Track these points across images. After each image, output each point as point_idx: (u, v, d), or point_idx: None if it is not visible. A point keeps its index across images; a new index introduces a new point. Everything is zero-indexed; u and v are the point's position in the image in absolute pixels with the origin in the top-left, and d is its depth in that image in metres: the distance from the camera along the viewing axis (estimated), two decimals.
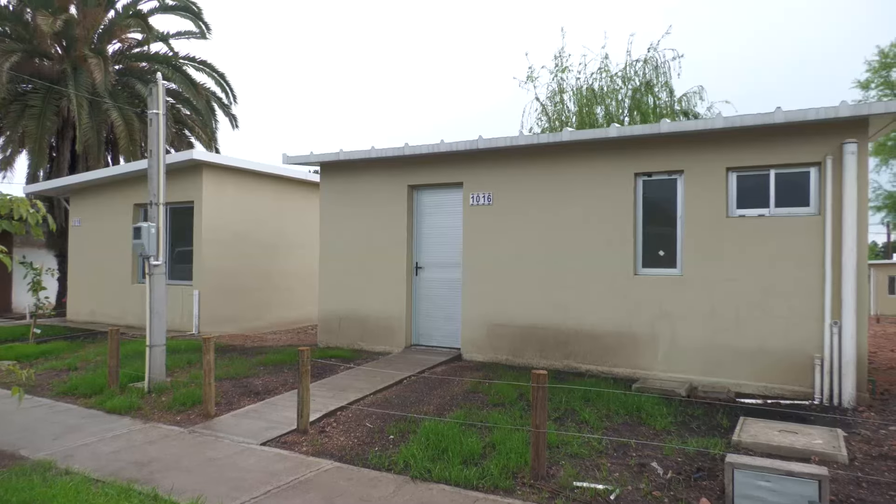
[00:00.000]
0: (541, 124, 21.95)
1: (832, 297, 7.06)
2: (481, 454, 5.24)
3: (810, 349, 7.19)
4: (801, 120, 7.05)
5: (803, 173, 7.41)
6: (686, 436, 5.67)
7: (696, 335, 7.87)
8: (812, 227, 7.25)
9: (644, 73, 21.20)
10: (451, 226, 9.93)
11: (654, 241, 8.37)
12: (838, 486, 4.46)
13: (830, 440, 5.29)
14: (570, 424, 6.03)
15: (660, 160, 8.24)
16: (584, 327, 8.62)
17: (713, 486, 4.53)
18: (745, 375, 7.57)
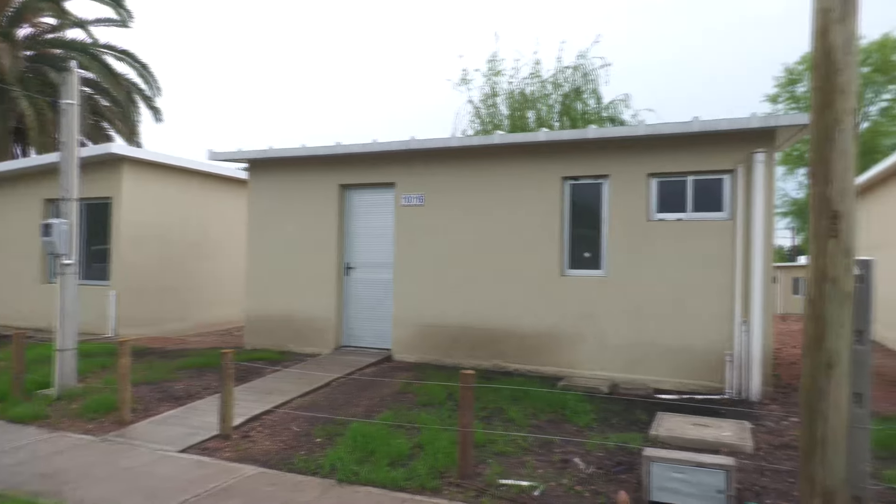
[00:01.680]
0: (474, 126, 22.19)
1: (742, 297, 7.49)
2: (409, 455, 5.25)
3: (722, 347, 7.60)
4: (715, 129, 7.45)
5: (718, 180, 7.83)
6: (607, 431, 5.88)
7: (619, 334, 8.16)
8: (725, 231, 7.67)
9: (574, 79, 21.80)
10: (383, 226, 9.89)
11: (581, 242, 8.63)
12: (744, 474, 4.73)
13: (738, 432, 5.62)
14: (498, 423, 6.13)
15: (586, 165, 8.50)
16: (512, 327, 8.78)
17: (632, 479, 4.71)
18: (663, 372, 7.92)
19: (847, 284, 3.46)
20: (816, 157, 3.53)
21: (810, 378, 3.54)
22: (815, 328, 3.52)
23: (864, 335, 3.64)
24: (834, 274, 3.45)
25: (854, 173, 3.56)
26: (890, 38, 26.01)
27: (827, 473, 3.45)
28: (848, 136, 3.46)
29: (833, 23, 3.43)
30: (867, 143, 26.02)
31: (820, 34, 3.49)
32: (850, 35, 3.43)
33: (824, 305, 3.48)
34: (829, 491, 3.44)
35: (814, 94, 3.55)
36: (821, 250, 3.50)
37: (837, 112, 3.44)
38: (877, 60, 26.15)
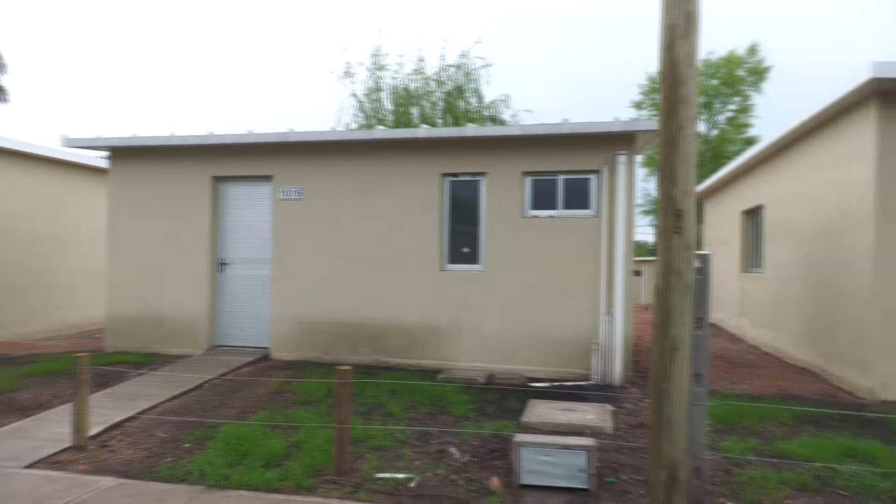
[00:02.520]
0: (358, 120, 21.98)
1: (606, 290, 8.03)
2: (285, 455, 5.13)
3: (589, 336, 8.12)
4: (583, 132, 7.93)
5: (585, 179, 8.33)
6: (483, 420, 6.08)
7: (496, 326, 8.46)
8: (591, 227, 8.18)
9: (456, 78, 22.23)
10: (260, 220, 9.55)
11: (460, 238, 8.83)
12: (604, 453, 5.10)
13: (601, 415, 6.03)
14: (376, 418, 6.14)
15: (465, 162, 8.71)
16: (393, 322, 8.82)
17: (504, 465, 4.91)
18: (536, 361, 8.32)
19: (689, 276, 3.82)
20: (663, 161, 3.86)
21: (658, 362, 3.87)
22: (663, 316, 3.85)
23: (702, 322, 4.05)
24: (678, 267, 3.80)
25: (695, 176, 3.94)
26: (735, 55, 28.94)
27: (672, 447, 3.79)
28: (690, 142, 3.82)
29: (678, 38, 3.77)
30: (716, 149, 28.82)
31: (667, 48, 3.82)
32: (692, 50, 3.79)
33: (670, 296, 3.82)
34: (673, 463, 3.79)
35: (661, 103, 3.88)
36: (667, 245, 3.83)
37: (681, 120, 3.79)
38: (724, 74, 29.00)
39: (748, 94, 29.16)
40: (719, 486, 4.39)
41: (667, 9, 3.81)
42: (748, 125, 29.17)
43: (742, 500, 4.19)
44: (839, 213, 7.92)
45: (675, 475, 3.79)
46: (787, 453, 4.92)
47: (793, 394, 7.26)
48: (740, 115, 29.45)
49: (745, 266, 12.88)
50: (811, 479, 4.45)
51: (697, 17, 3.80)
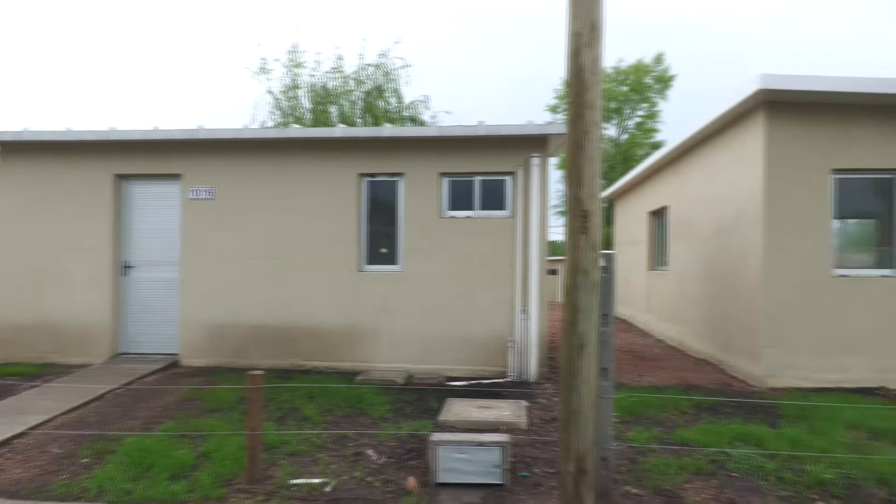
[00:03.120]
0: (274, 118, 21.45)
1: (522, 288, 8.23)
2: (194, 465, 4.92)
3: (505, 334, 8.29)
4: (498, 134, 8.09)
5: (501, 181, 8.51)
6: (401, 421, 6.08)
7: (414, 326, 8.48)
8: (507, 227, 8.36)
9: (376, 77, 22.12)
10: (168, 220, 9.11)
11: (378, 238, 8.79)
12: (519, 448, 5.23)
13: (516, 411, 6.18)
14: (292, 423, 6.01)
15: (383, 162, 8.68)
16: (311, 324, 8.66)
17: (421, 465, 4.93)
18: (454, 361, 8.41)
19: (595, 275, 3.98)
20: (570, 163, 4.01)
21: (567, 358, 4.01)
22: (571, 314, 4.00)
23: (608, 318, 4.23)
24: (585, 266, 3.95)
25: (600, 178, 4.11)
26: (643, 64, 30.46)
27: (580, 439, 3.94)
28: (595, 146, 3.98)
29: (583, 46, 3.92)
30: (626, 153, 30.23)
31: (573, 55, 3.97)
32: (596, 57, 3.95)
33: (577, 294, 3.97)
34: (581, 454, 3.94)
35: (569, 108, 4.02)
36: (574, 245, 3.98)
37: (587, 124, 3.94)
38: (633, 82, 30.46)
39: (655, 101, 30.76)
40: (625, 475, 4.60)
41: (573, 18, 3.95)
42: (655, 130, 30.79)
43: (645, 486, 4.41)
44: (734, 214, 8.50)
45: (584, 466, 3.94)
46: (687, 440, 5.23)
47: (693, 384, 7.72)
48: (648, 120, 31.04)
49: (652, 264, 13.57)
50: (707, 463, 4.75)
51: (601, 26, 3.97)
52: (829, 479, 4.36)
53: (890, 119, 7.39)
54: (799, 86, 7.04)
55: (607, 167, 30.50)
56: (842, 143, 7.52)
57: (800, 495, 4.23)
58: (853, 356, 7.39)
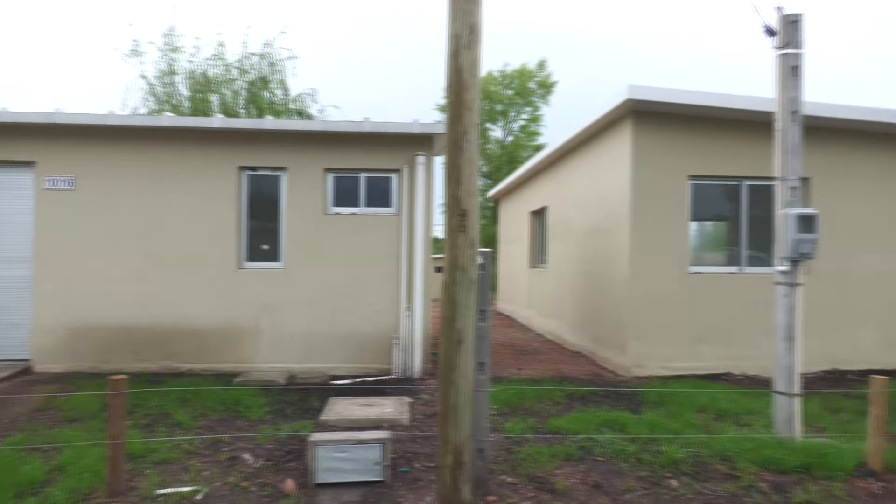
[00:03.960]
0: (148, 105, 20.06)
1: (407, 285, 8.29)
2: (45, 481, 4.49)
3: (390, 331, 8.31)
4: (384, 131, 8.09)
5: (387, 178, 8.51)
6: (280, 423, 5.92)
7: (297, 325, 8.28)
8: (393, 225, 8.38)
9: (261, 67, 21.32)
10: (18, 212, 8.24)
11: (260, 234, 8.49)
12: (400, 444, 5.26)
13: (398, 407, 6.22)
14: (161, 429, 5.66)
15: (265, 156, 8.39)
16: (185, 324, 8.19)
17: (301, 466, 4.82)
18: (339, 359, 8.30)
19: (473, 272, 4.09)
20: (450, 163, 4.09)
21: (445, 353, 4.09)
22: (449, 310, 4.08)
23: (485, 314, 4.37)
24: (463, 263, 4.05)
25: (478, 178, 4.23)
26: (527, 69, 31.65)
27: (457, 432, 4.04)
28: (473, 146, 4.08)
29: (462, 48, 4.01)
30: (511, 154, 31.28)
31: (452, 56, 4.05)
32: (475, 60, 4.05)
33: (456, 290, 4.06)
34: (458, 447, 4.04)
35: (448, 109, 4.10)
36: (453, 243, 4.07)
37: (465, 125, 4.04)
38: (518, 86, 31.58)
39: (538, 105, 32.08)
40: (501, 465, 4.77)
41: (452, 20, 4.03)
42: (538, 133, 32.10)
43: (520, 474, 4.60)
44: (606, 215, 9.07)
45: (461, 458, 4.04)
46: (559, 429, 5.52)
47: (568, 375, 8.15)
48: (531, 123, 32.29)
49: (533, 262, 14.17)
50: (576, 449, 5.04)
51: (480, 29, 4.08)
52: (681, 458, 4.78)
53: (739, 132, 8.20)
54: (662, 98, 7.64)
55: (493, 168, 31.41)
56: (698, 151, 8.24)
57: (656, 474, 4.60)
58: (705, 346, 8.15)
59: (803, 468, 4.59)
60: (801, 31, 4.98)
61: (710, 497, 4.28)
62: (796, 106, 5.00)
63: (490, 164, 32.00)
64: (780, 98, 5.06)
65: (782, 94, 5.05)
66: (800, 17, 4.96)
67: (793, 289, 5.01)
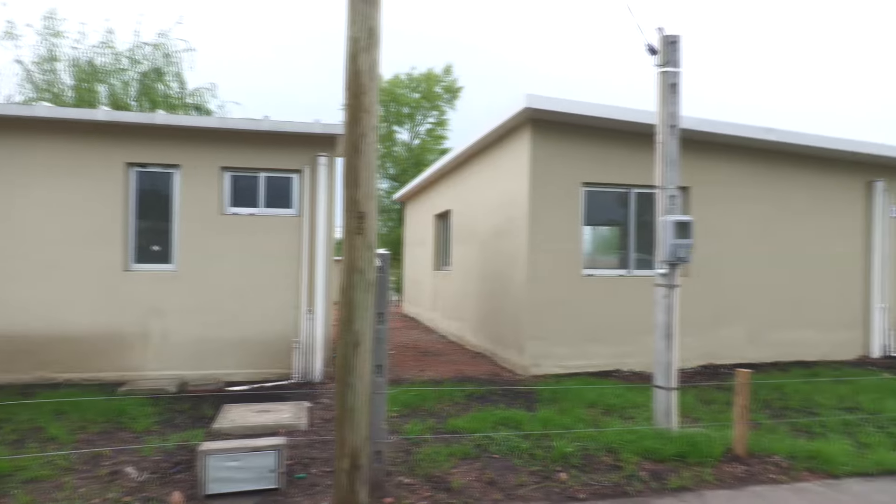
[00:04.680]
0: (25, 93, 18.46)
1: (308, 288, 8.14)
2: None
3: (291, 334, 8.12)
4: (285, 131, 7.91)
5: (287, 178, 8.32)
6: (169, 433, 5.63)
7: (191, 330, 7.91)
8: (294, 226, 8.20)
9: (154, 58, 20.22)
10: None
11: (150, 235, 8.04)
12: (297, 450, 5.16)
13: (297, 412, 6.10)
14: (33, 445, 5.23)
15: (156, 152, 7.96)
16: (63, 330, 7.60)
17: (190, 478, 4.62)
18: (236, 364, 8.01)
19: (371, 274, 4.10)
20: (348, 165, 4.08)
21: (343, 356, 4.07)
22: (347, 312, 4.07)
23: (383, 316, 4.38)
24: (361, 265, 4.05)
25: (377, 181, 4.25)
26: (433, 73, 31.95)
27: (354, 435, 4.03)
28: (372, 149, 4.09)
29: (361, 51, 4.01)
30: (418, 157, 31.43)
31: (351, 59, 4.04)
32: (373, 63, 4.07)
33: (353, 293, 4.05)
34: (355, 450, 4.03)
35: (346, 111, 4.09)
36: (351, 245, 4.06)
37: (364, 127, 4.05)
38: (425, 90, 31.81)
39: (444, 110, 32.47)
40: (399, 466, 4.80)
41: (351, 22, 4.02)
42: (444, 137, 32.47)
43: (417, 475, 4.65)
44: (505, 219, 9.34)
45: (358, 461, 4.03)
46: (457, 428, 5.62)
47: (469, 376, 8.32)
48: (438, 127, 32.62)
49: (438, 264, 14.33)
50: (473, 448, 5.16)
51: (379, 32, 4.10)
52: (570, 452, 5.01)
53: (628, 142, 8.71)
54: (557, 108, 7.98)
55: (400, 170, 31.42)
56: (591, 160, 8.68)
57: (547, 468, 4.80)
58: (596, 344, 8.59)
59: (679, 456, 4.96)
60: (678, 52, 5.39)
61: (596, 487, 4.52)
62: (674, 120, 5.41)
63: (397, 166, 32.00)
64: (661, 113, 5.45)
65: (662, 108, 5.44)
66: (678, 38, 5.36)
67: (671, 290, 5.41)
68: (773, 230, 9.50)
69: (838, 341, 9.72)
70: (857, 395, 7.07)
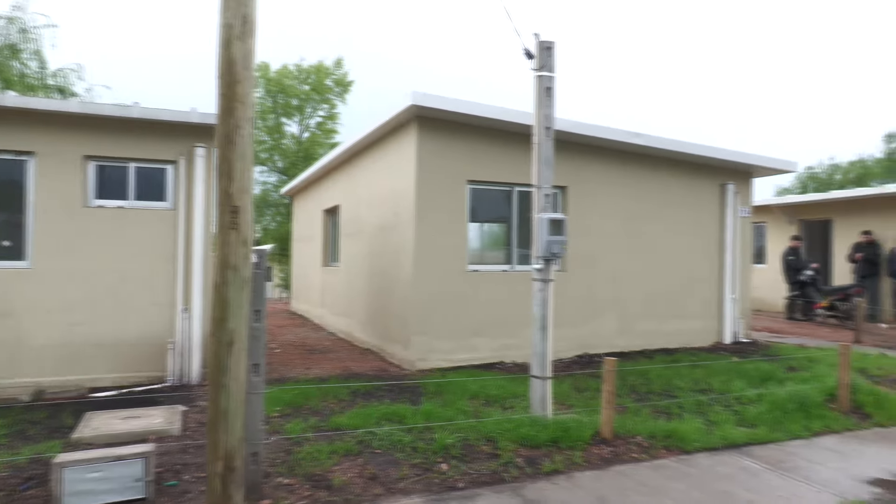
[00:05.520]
0: None
1: (184, 285, 7.72)
2: None
3: (165, 335, 7.67)
4: (157, 118, 7.45)
5: (161, 169, 7.83)
6: (20, 445, 5.15)
7: (49, 333, 7.25)
8: (168, 220, 7.74)
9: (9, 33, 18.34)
10: None
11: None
12: (169, 456, 4.91)
13: (170, 417, 5.78)
14: None
15: (6, 138, 7.21)
16: None
17: (44, 493, 4.26)
18: (104, 368, 7.45)
19: (246, 271, 3.97)
20: (221, 158, 3.92)
21: (215, 356, 3.91)
22: (220, 311, 3.91)
23: (260, 314, 4.26)
24: (235, 262, 3.91)
25: (252, 174, 4.12)
26: (324, 65, 31.32)
27: (229, 437, 3.88)
28: (247, 141, 3.96)
29: (235, 38, 3.86)
30: (308, 151, 30.70)
31: (224, 46, 3.88)
32: (248, 51, 3.93)
33: (227, 290, 3.90)
34: (230, 453, 3.89)
35: (219, 101, 3.92)
36: (224, 241, 3.90)
37: (238, 119, 3.90)
38: (314, 82, 31.11)
39: (335, 103, 31.94)
40: (279, 467, 4.70)
41: (224, 8, 3.86)
42: (335, 131, 31.95)
43: (297, 475, 4.58)
44: (393, 215, 9.37)
45: (232, 464, 3.90)
46: (340, 425, 5.58)
47: (355, 372, 8.27)
48: (328, 121, 32.04)
49: (326, 260, 14.09)
50: (356, 444, 5.15)
51: (254, 20, 3.96)
52: (451, 443, 5.14)
53: (511, 142, 9.01)
54: (443, 105, 8.11)
55: (289, 164, 30.54)
56: (475, 158, 8.91)
57: (428, 460, 4.89)
58: (480, 338, 8.84)
59: (553, 441, 5.23)
60: (553, 57, 5.67)
61: (475, 476, 4.68)
62: (550, 122, 5.68)
63: (285, 159, 31.07)
64: (537, 115, 5.71)
65: (538, 111, 5.70)
66: (552, 44, 5.63)
67: (546, 284, 5.68)
68: (643, 228, 10.24)
69: (697, 329, 10.66)
70: (709, 377, 7.79)
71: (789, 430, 5.92)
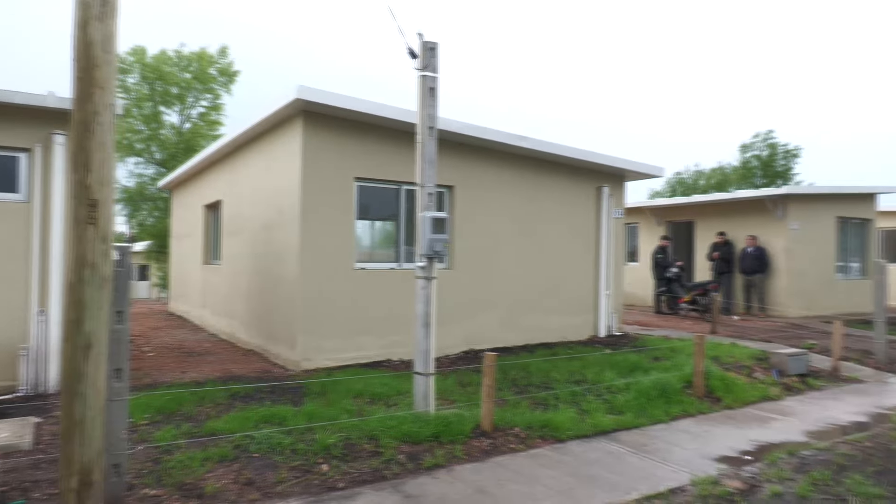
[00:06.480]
0: None
1: (40, 285, 7.05)
2: None
3: (17, 341, 6.97)
4: (8, 101, 6.74)
5: (13, 158, 7.10)
6: None
7: None
8: (21, 214, 7.03)
9: None
10: None
11: None
12: (18, 473, 4.46)
13: (19, 430, 5.26)
14: None
15: None
16: None
17: None
18: None
19: (106, 269, 3.70)
20: (76, 147, 3.63)
21: (69, 361, 3.62)
22: (75, 312, 3.62)
23: (123, 315, 3.99)
24: (93, 259, 3.63)
25: (113, 165, 3.84)
26: (207, 53, 29.76)
27: (85, 450, 3.61)
28: (107, 129, 3.69)
29: (93, 19, 3.59)
30: (189, 142, 29.04)
31: (81, 27, 3.60)
32: (109, 34, 3.67)
33: (83, 290, 3.62)
34: (86, 466, 3.61)
35: (75, 85, 3.63)
36: (80, 237, 3.62)
37: (97, 105, 3.63)
38: (197, 70, 29.47)
39: (220, 94, 30.46)
40: (145, 478, 4.42)
41: None
42: (220, 123, 30.49)
43: (166, 485, 4.33)
44: (277, 211, 9.09)
45: (89, 478, 3.63)
46: (216, 430, 5.34)
47: (235, 375, 7.94)
48: (212, 112, 30.50)
49: (207, 258, 13.41)
50: (232, 449, 4.94)
51: (116, 0, 3.71)
52: (332, 443, 5.07)
53: (398, 140, 9.03)
54: (328, 101, 7.97)
55: (169, 155, 28.75)
56: (363, 155, 8.85)
57: (309, 462, 4.80)
58: (367, 336, 8.80)
59: (434, 437, 5.32)
60: (437, 58, 5.75)
61: (356, 475, 4.65)
62: (433, 122, 5.76)
63: (164, 151, 29.20)
64: (421, 114, 5.77)
65: (422, 110, 5.76)
66: (436, 45, 5.71)
67: (429, 282, 5.76)
68: (527, 227, 10.64)
69: (575, 324, 11.25)
70: (584, 369, 8.25)
71: (652, 415, 6.40)
